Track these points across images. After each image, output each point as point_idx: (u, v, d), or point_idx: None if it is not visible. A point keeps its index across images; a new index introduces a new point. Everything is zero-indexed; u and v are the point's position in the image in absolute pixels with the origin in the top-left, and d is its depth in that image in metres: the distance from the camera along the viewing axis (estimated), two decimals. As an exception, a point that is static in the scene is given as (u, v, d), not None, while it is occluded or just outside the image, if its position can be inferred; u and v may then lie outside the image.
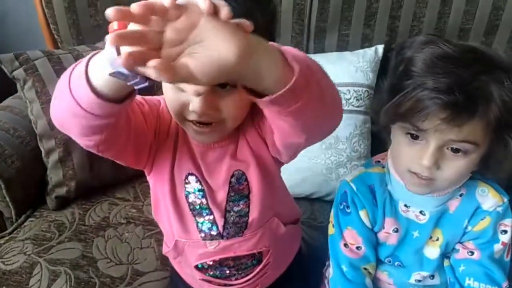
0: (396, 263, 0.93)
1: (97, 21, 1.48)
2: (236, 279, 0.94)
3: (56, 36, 1.51)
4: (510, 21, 1.37)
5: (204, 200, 0.85)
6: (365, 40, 1.46)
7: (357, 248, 0.92)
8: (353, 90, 1.38)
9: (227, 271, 0.93)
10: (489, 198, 0.87)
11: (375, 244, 0.93)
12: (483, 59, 0.76)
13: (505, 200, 0.88)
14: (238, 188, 0.85)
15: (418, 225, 0.89)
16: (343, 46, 1.47)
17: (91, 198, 1.40)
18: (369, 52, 1.42)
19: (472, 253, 0.88)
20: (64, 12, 1.44)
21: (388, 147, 0.90)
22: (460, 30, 1.40)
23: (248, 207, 0.86)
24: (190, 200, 0.85)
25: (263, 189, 0.85)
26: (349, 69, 1.39)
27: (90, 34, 1.49)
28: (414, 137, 0.79)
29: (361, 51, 1.43)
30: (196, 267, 0.93)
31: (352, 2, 1.40)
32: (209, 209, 0.86)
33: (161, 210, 0.91)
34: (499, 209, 0.87)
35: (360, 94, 1.38)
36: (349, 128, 1.36)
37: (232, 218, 0.87)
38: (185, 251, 0.92)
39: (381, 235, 0.93)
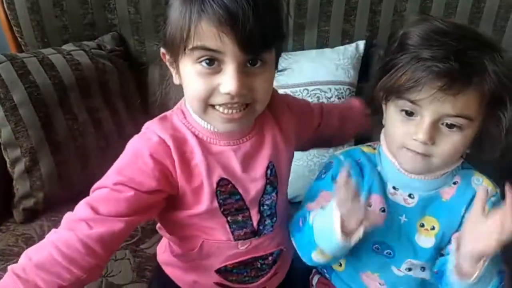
0: (385, 252, 0.91)
1: (63, 21, 1.41)
2: (251, 283, 0.94)
3: (19, 39, 1.44)
4: (491, 14, 1.38)
5: (241, 203, 0.84)
6: (345, 36, 1.45)
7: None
8: (334, 88, 1.36)
9: (245, 274, 0.92)
10: (484, 186, 0.89)
11: None
12: (474, 36, 0.80)
13: (498, 190, 0.90)
14: (272, 180, 0.86)
15: (405, 209, 0.90)
16: (323, 42, 1.45)
17: (61, 209, 1.28)
18: (350, 48, 1.41)
19: None
20: (27, 13, 1.38)
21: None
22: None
23: (277, 197, 0.87)
24: (225, 206, 0.83)
25: (287, 177, 0.89)
26: (329, 67, 1.38)
27: (56, 36, 1.42)
28: (409, 114, 0.81)
29: (341, 47, 1.42)
30: (218, 270, 0.91)
31: (331, -4, 1.39)
32: (247, 208, 0.85)
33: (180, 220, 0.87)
34: (493, 198, 0.88)
35: (342, 92, 1.37)
36: (331, 128, 1.34)
37: (266, 212, 0.87)
38: (212, 253, 0.89)
39: None
